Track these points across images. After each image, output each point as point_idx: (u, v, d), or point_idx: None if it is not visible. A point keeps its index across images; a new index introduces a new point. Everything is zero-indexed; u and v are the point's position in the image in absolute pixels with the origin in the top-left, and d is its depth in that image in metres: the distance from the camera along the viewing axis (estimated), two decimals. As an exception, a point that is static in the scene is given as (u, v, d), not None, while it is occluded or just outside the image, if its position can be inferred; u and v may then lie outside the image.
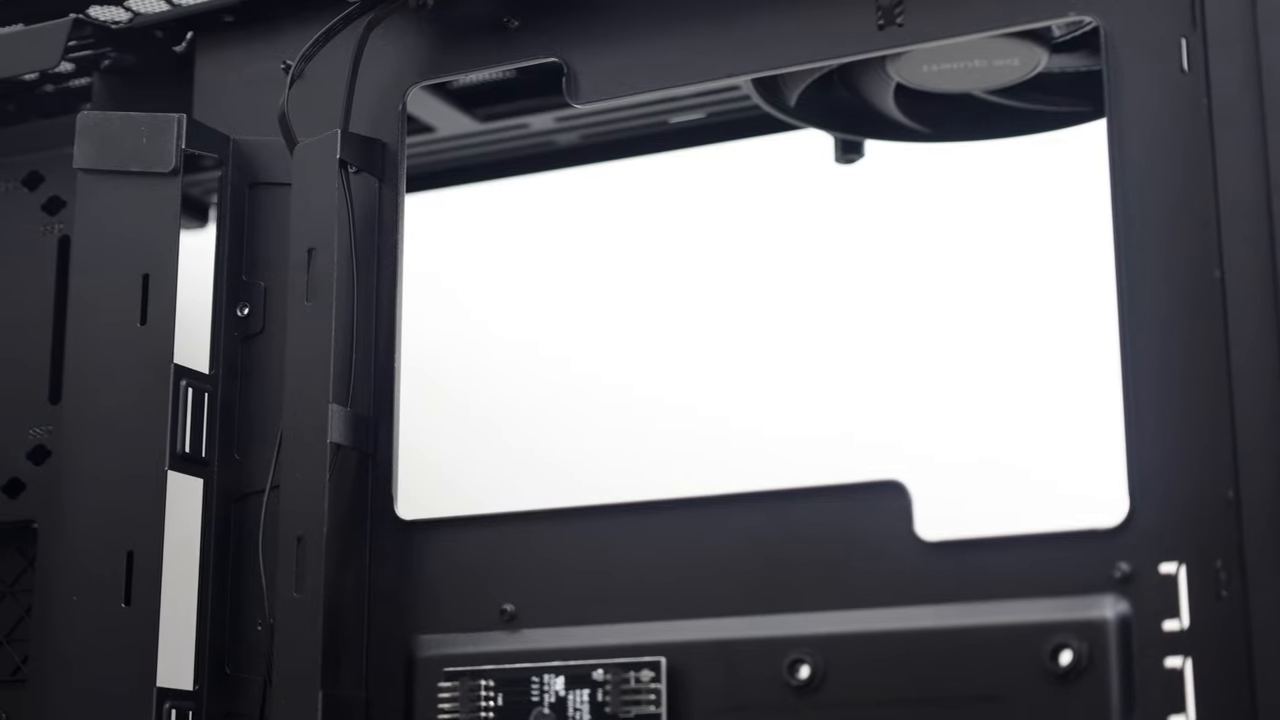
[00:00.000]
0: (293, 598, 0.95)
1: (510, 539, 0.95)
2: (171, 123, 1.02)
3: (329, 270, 0.98)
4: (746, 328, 1.23)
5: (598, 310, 1.29)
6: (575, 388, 1.27)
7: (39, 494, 1.10)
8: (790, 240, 1.26)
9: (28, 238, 1.14)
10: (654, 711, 0.88)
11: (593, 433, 1.24)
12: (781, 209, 1.29)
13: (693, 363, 1.24)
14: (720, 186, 1.33)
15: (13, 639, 1.12)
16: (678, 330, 1.25)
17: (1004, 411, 1.13)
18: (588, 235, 1.34)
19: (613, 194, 1.36)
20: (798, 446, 1.14)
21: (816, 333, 1.21)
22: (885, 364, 1.17)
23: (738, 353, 1.22)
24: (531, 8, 1.00)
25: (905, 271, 1.23)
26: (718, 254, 1.27)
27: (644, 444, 1.20)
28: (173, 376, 1.00)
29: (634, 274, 1.30)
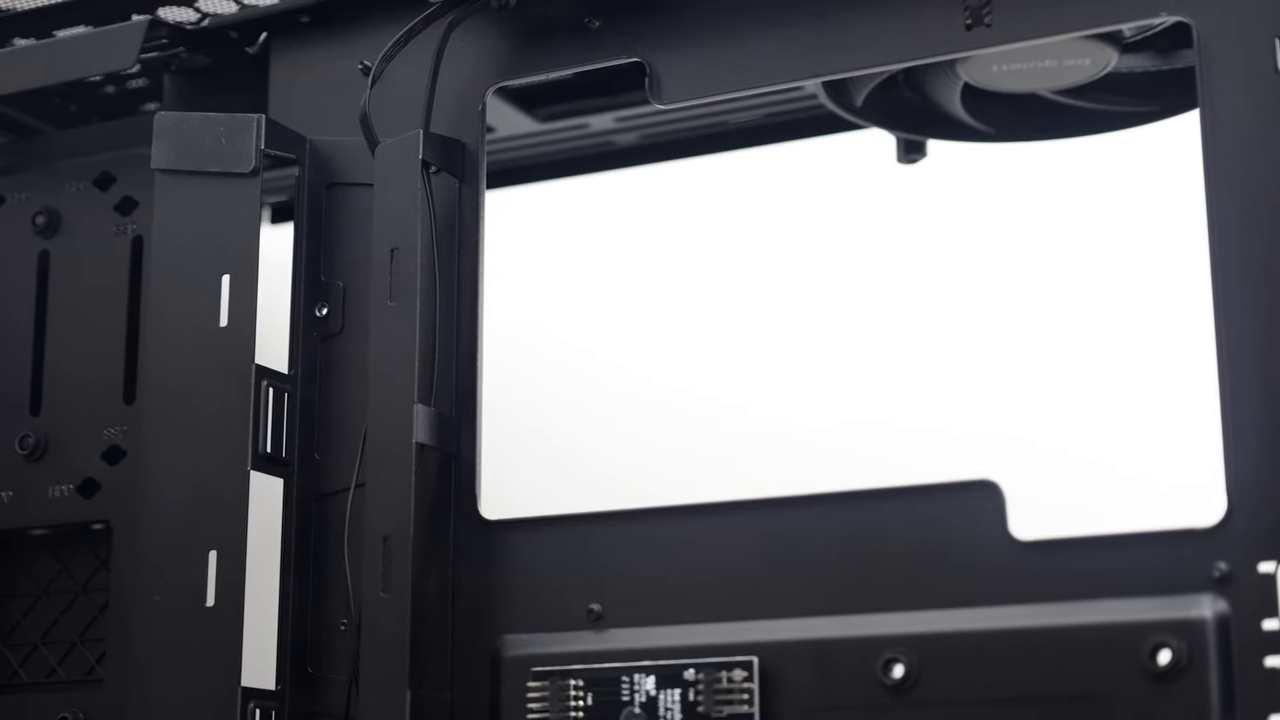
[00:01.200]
0: (379, 597, 0.95)
1: (596, 539, 0.95)
2: (251, 123, 1.02)
3: (412, 270, 0.98)
4: (823, 328, 1.23)
5: (670, 310, 1.29)
6: (648, 388, 1.27)
7: (114, 494, 1.10)
8: (858, 239, 1.26)
9: (100, 238, 1.14)
10: (747, 711, 0.88)
11: (668, 433, 1.24)
12: (846, 208, 1.29)
13: (770, 362, 1.24)
14: (781, 187, 1.32)
15: (86, 639, 1.12)
16: (752, 330, 1.25)
17: (1098, 409, 1.13)
18: (652, 235, 1.34)
19: (675, 194, 1.36)
20: (886, 446, 1.15)
21: (899, 331, 1.21)
22: (974, 363, 1.17)
23: (816, 352, 1.22)
24: (613, 8, 1.00)
25: (983, 270, 1.22)
26: (785, 253, 1.27)
27: (723, 445, 1.20)
28: (254, 377, 1.00)
29: (702, 274, 1.30)
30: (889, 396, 1.17)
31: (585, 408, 1.27)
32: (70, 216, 1.15)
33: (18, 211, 1.16)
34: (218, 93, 1.14)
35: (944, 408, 1.15)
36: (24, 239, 1.16)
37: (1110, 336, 1.15)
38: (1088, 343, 1.15)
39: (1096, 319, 1.17)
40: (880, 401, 1.17)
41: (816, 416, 1.17)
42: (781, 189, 1.33)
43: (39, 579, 1.14)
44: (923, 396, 1.16)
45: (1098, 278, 1.17)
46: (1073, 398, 1.14)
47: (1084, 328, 1.16)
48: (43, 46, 1.13)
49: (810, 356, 1.21)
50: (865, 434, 1.15)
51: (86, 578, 1.13)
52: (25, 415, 1.14)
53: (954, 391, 1.15)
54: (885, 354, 1.19)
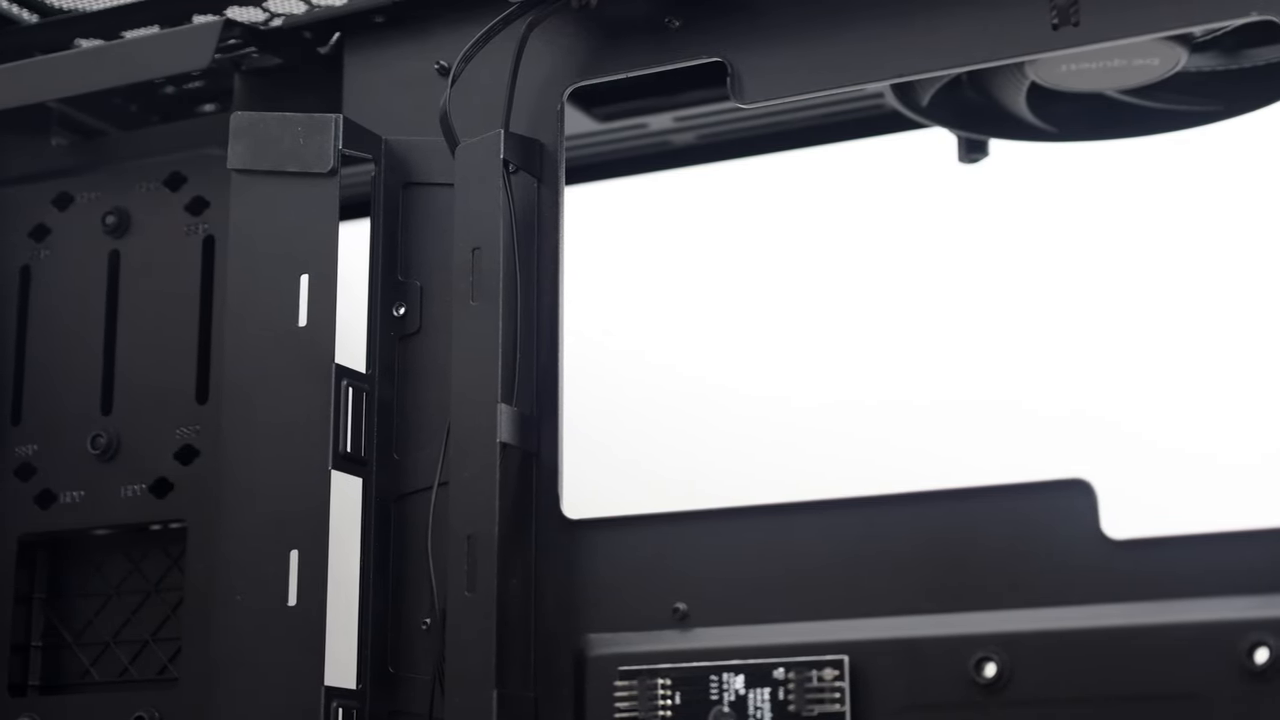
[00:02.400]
0: (464, 596, 0.95)
1: (681, 538, 0.95)
2: (329, 123, 1.02)
3: (495, 270, 0.98)
4: (904, 327, 1.23)
5: (743, 310, 1.29)
6: (723, 388, 1.27)
7: (187, 494, 1.10)
8: (924, 237, 1.27)
9: (171, 238, 1.14)
10: (839, 710, 0.88)
11: (729, 433, 1.24)
12: (909, 207, 1.29)
13: (853, 361, 1.24)
14: (842, 186, 1.33)
15: (158, 638, 1.12)
16: (830, 329, 1.25)
17: (1191, 406, 1.13)
18: (718, 233, 1.34)
19: (735, 193, 1.36)
20: (976, 444, 1.15)
21: (984, 330, 1.21)
22: (1063, 360, 1.17)
23: (898, 352, 1.22)
24: (694, 7, 1.00)
25: (1063, 269, 1.23)
26: (852, 253, 1.28)
27: (803, 444, 1.20)
28: (334, 377, 1.00)
29: (770, 273, 1.30)
30: (978, 394, 1.17)
31: (658, 408, 1.27)
32: (140, 216, 1.15)
33: (87, 211, 1.16)
34: (287, 92, 1.14)
35: (1034, 405, 1.15)
36: (94, 239, 1.16)
37: (1201, 333, 1.15)
38: (1178, 339, 1.15)
39: (1184, 315, 1.17)
40: (969, 399, 1.17)
41: (903, 415, 1.17)
42: (843, 188, 1.34)
43: (110, 578, 1.14)
44: (1013, 394, 1.16)
45: (1179, 274, 1.18)
46: (1165, 394, 1.14)
47: (1172, 324, 1.16)
48: (115, 47, 1.13)
49: (892, 356, 1.21)
50: (955, 432, 1.15)
51: (158, 577, 1.13)
52: (96, 415, 1.14)
53: (1044, 389, 1.15)
54: (973, 352, 1.19)
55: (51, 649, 1.15)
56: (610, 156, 1.41)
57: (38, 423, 1.15)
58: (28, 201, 1.19)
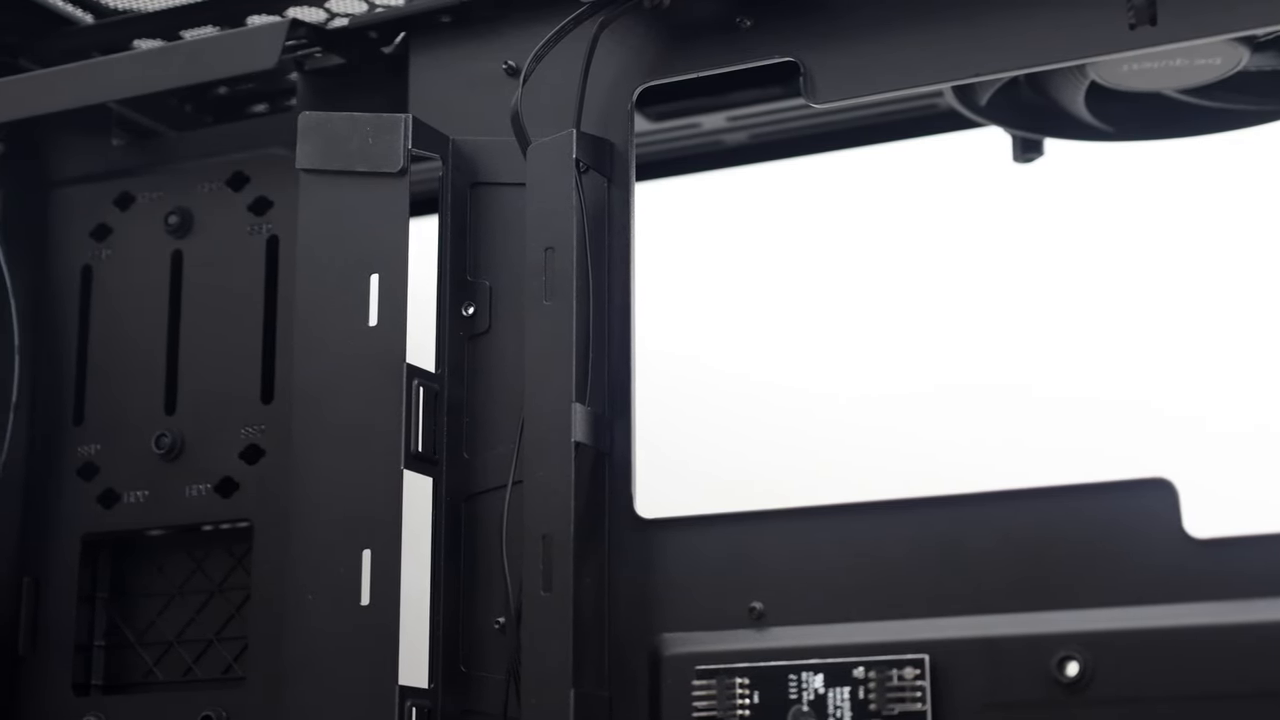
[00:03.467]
0: (540, 596, 0.95)
1: (757, 537, 0.95)
2: (398, 123, 1.02)
3: (568, 269, 0.98)
4: (978, 326, 1.23)
5: (806, 307, 1.29)
6: (789, 386, 1.27)
7: (253, 493, 1.10)
8: (987, 237, 1.27)
9: (234, 238, 1.14)
10: (920, 709, 0.89)
11: (806, 431, 1.24)
12: (968, 205, 1.29)
13: (925, 359, 1.24)
14: (899, 185, 1.33)
15: (222, 638, 1.12)
16: (898, 327, 1.25)
17: (1274, 404, 1.13)
18: (776, 231, 1.34)
19: (795, 193, 1.37)
20: (1055, 443, 1.15)
21: (1061, 328, 1.21)
22: (1143, 359, 1.17)
23: (973, 351, 1.22)
24: (766, 7, 1.00)
25: (1132, 267, 1.23)
26: (916, 252, 1.28)
27: (866, 443, 1.21)
28: (405, 376, 1.00)
29: (828, 271, 1.30)
30: (1057, 392, 1.17)
31: (720, 408, 1.27)
32: (203, 216, 1.15)
33: (149, 211, 1.17)
34: (348, 92, 1.14)
35: (1114, 403, 1.15)
36: (156, 238, 1.16)
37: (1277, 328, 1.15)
38: (1255, 335, 1.15)
39: (1258, 311, 1.17)
40: (1048, 397, 1.17)
41: (981, 413, 1.17)
42: (897, 187, 1.34)
43: (172, 578, 1.15)
44: (1092, 392, 1.16)
45: (1244, 270, 1.18)
46: (1247, 390, 1.14)
47: (1247, 320, 1.16)
48: (182, 46, 1.14)
49: (965, 354, 1.21)
50: (1034, 430, 1.15)
51: (222, 577, 1.13)
52: (160, 415, 1.14)
53: (1124, 387, 1.15)
54: (1048, 350, 1.19)
55: (114, 648, 1.15)
56: (662, 156, 1.41)
57: (100, 423, 1.15)
58: (88, 201, 1.19)
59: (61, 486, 1.15)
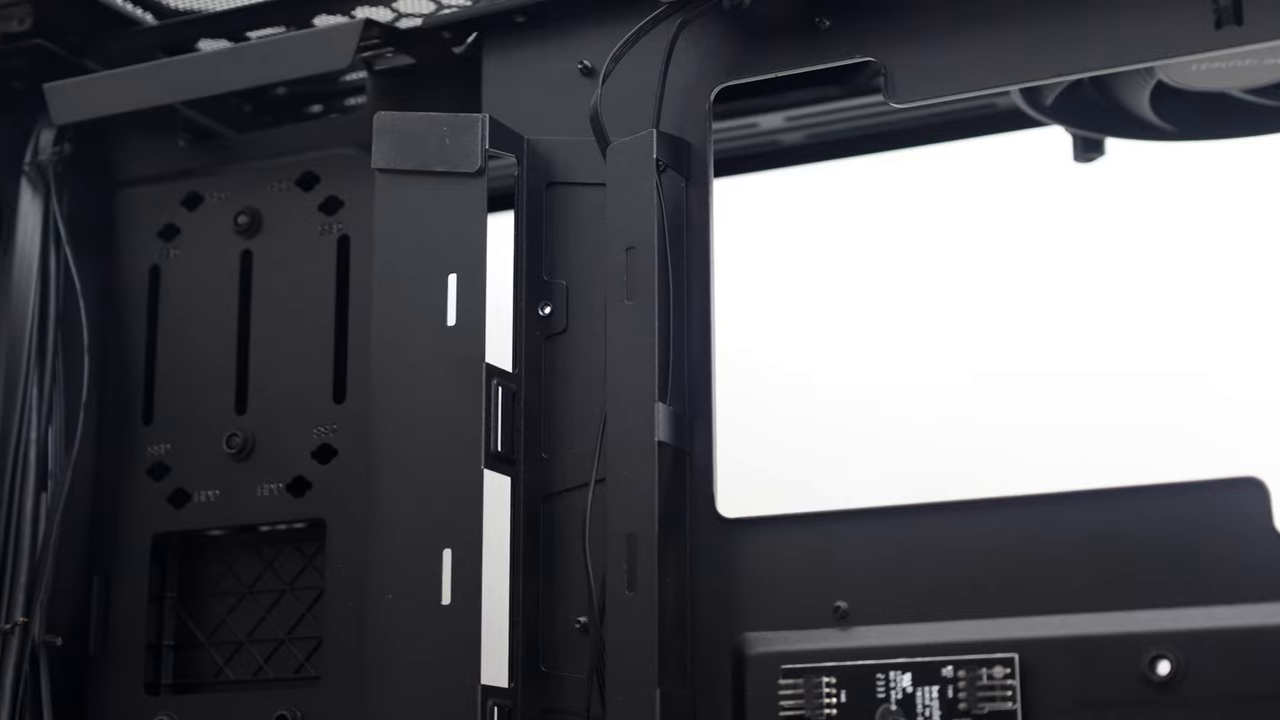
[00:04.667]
0: (625, 595, 0.95)
1: (841, 536, 0.95)
2: (475, 123, 1.02)
3: (649, 269, 0.98)
4: (1060, 325, 1.23)
5: (884, 308, 1.30)
6: (871, 385, 1.27)
7: (326, 493, 1.10)
8: (1060, 233, 1.27)
9: (304, 238, 1.14)
10: (1010, 708, 0.89)
11: (870, 430, 1.24)
12: (1035, 204, 1.29)
13: (1007, 358, 1.24)
14: (962, 184, 1.33)
15: (294, 637, 1.12)
16: (976, 325, 1.25)
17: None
18: (840, 230, 1.34)
19: (854, 192, 1.37)
20: (1144, 441, 1.15)
21: (1145, 327, 1.21)
22: (1230, 358, 1.17)
23: (1057, 349, 1.23)
24: (845, 7, 1.00)
25: (1209, 265, 1.23)
26: (985, 251, 1.28)
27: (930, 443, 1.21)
28: (484, 375, 1.00)
29: (897, 269, 1.30)
30: (1146, 391, 1.17)
31: (798, 406, 1.27)
32: (272, 216, 1.15)
33: (218, 211, 1.17)
34: (418, 92, 1.14)
35: (1206, 402, 1.15)
36: (226, 238, 1.16)
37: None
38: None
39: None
40: (1136, 395, 1.17)
41: (1066, 412, 1.17)
42: (955, 186, 1.34)
43: (242, 577, 1.15)
44: (1183, 391, 1.16)
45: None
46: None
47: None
48: (254, 47, 1.14)
49: (1049, 353, 1.21)
50: (1122, 428, 1.15)
51: (292, 576, 1.13)
52: (230, 415, 1.14)
53: (1214, 385, 1.15)
54: (1133, 349, 1.19)
55: (183, 648, 1.15)
56: (719, 156, 1.40)
57: (169, 423, 1.16)
58: (156, 201, 1.19)
59: (131, 486, 1.16)
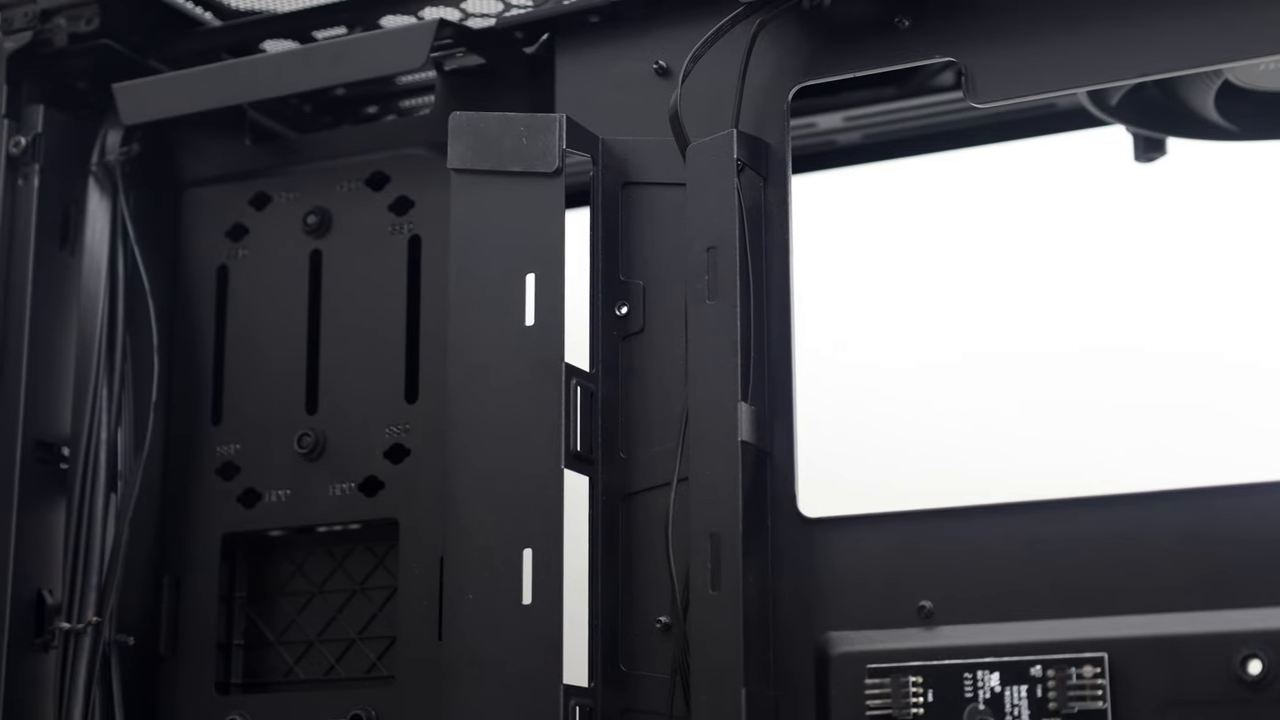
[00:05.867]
0: (709, 595, 0.95)
1: (924, 536, 0.96)
2: (553, 123, 1.02)
3: (731, 269, 0.98)
4: (1136, 325, 1.23)
5: (949, 308, 1.29)
6: (946, 384, 1.27)
7: (399, 492, 1.10)
8: (1128, 233, 1.26)
9: (374, 238, 1.14)
10: (1100, 707, 0.89)
11: (964, 428, 1.24)
12: (1106, 203, 1.29)
13: (1084, 357, 1.24)
14: (1028, 182, 1.33)
15: (365, 636, 1.12)
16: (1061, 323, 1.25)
17: None
18: (907, 228, 1.34)
19: (909, 192, 1.37)
20: (1220, 441, 1.15)
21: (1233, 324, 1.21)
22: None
23: (1138, 348, 1.22)
24: (924, 7, 1.00)
25: (1265, 264, 1.22)
26: (1056, 249, 1.27)
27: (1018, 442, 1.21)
28: (564, 375, 1.00)
29: (964, 269, 1.30)
30: (1230, 389, 1.17)
31: (876, 404, 1.27)
32: (342, 216, 1.15)
33: (286, 211, 1.17)
34: (486, 92, 1.14)
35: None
36: (294, 238, 1.16)
37: None
38: None
39: None
40: (1221, 394, 1.17)
41: (1153, 411, 1.17)
42: (1018, 186, 1.34)
43: (312, 577, 1.15)
44: (1266, 390, 1.16)
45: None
46: None
47: None
48: (327, 47, 1.14)
49: (1130, 352, 1.21)
50: (1207, 428, 1.15)
51: (363, 575, 1.13)
52: (301, 414, 1.14)
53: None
54: (1221, 350, 1.19)
55: (253, 648, 1.15)
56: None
57: (239, 423, 1.16)
58: (223, 201, 1.19)
59: (200, 486, 1.16)
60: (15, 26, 1.19)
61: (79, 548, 1.12)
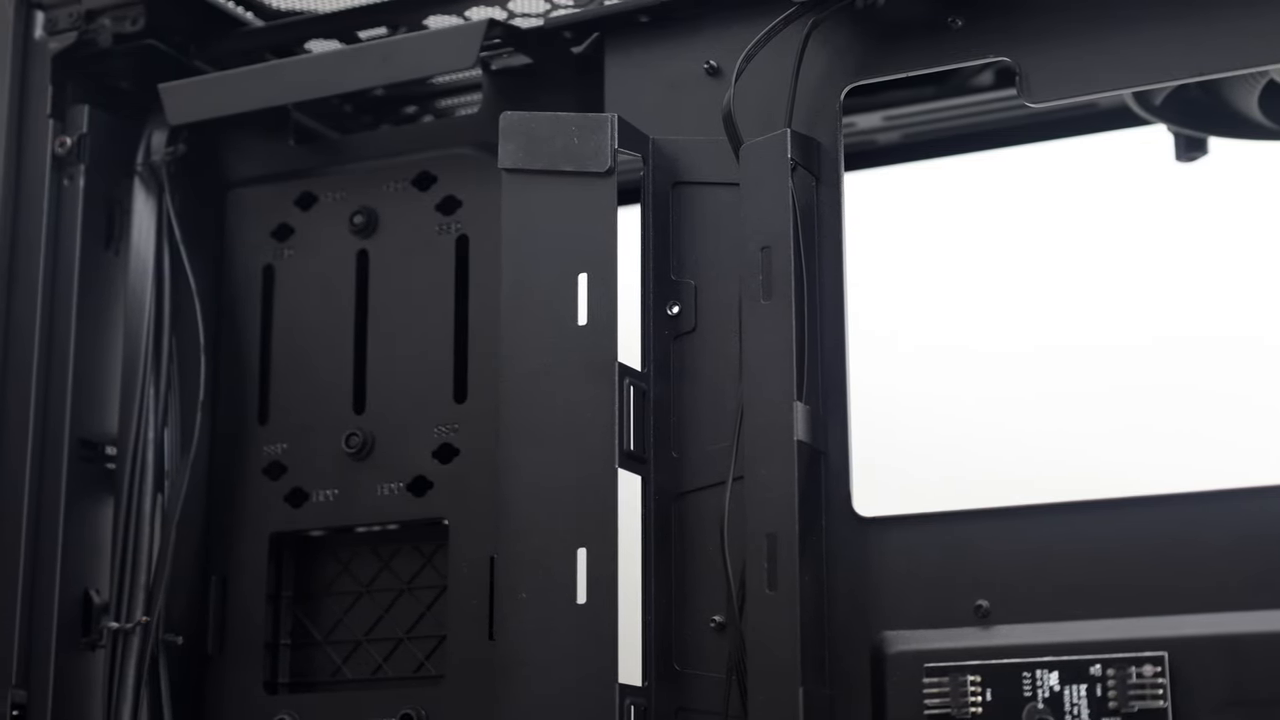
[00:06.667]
0: (765, 594, 0.95)
1: (981, 535, 0.96)
2: (604, 122, 1.02)
3: (786, 268, 0.98)
4: (1192, 320, 1.23)
5: (1009, 303, 1.29)
6: (1004, 382, 1.27)
7: (448, 492, 1.10)
8: (1175, 234, 1.26)
9: (422, 237, 1.14)
10: (1161, 706, 0.89)
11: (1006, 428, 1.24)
12: (1142, 202, 1.29)
13: (1141, 353, 1.24)
14: (1052, 182, 1.33)
15: (413, 636, 1.13)
16: (1105, 323, 1.25)
17: None
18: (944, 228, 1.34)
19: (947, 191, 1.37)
20: (1275, 440, 1.14)
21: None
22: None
23: (1192, 344, 1.22)
24: (978, 7, 1.00)
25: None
26: (1099, 249, 1.27)
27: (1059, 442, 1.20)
28: (617, 375, 1.00)
29: (1006, 266, 1.30)
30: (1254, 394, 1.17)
31: (928, 402, 1.27)
32: (388, 216, 1.16)
33: (333, 211, 1.17)
34: (533, 92, 1.14)
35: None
36: (341, 238, 1.16)
37: None
38: None
39: None
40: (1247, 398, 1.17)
41: (1208, 407, 1.17)
42: (1056, 185, 1.34)
43: (359, 576, 1.15)
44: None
45: None
46: None
47: None
48: (376, 47, 1.14)
49: (1183, 348, 1.21)
50: (1264, 425, 1.15)
51: (410, 575, 1.13)
52: (349, 414, 1.14)
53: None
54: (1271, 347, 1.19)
55: (299, 647, 1.15)
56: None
57: (286, 422, 1.16)
58: (268, 201, 1.19)
59: (247, 486, 1.16)
60: (60, 27, 1.19)
61: (127, 548, 1.12)
